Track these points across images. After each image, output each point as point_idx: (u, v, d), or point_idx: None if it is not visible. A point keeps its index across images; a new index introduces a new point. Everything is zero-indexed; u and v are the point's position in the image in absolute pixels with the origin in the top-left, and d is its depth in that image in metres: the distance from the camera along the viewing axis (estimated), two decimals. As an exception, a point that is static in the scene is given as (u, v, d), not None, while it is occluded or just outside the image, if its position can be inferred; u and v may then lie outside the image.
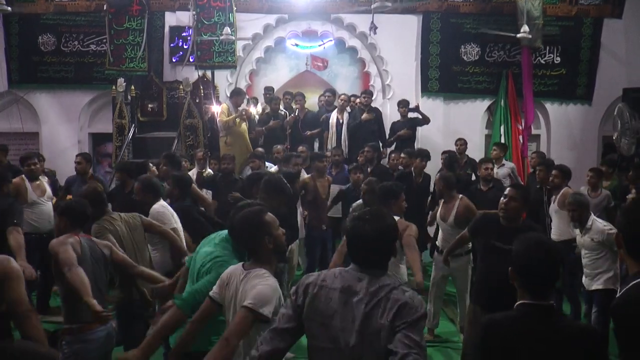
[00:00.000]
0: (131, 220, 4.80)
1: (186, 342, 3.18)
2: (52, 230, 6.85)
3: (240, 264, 3.15)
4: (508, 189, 4.69)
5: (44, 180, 7.10)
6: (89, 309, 3.57)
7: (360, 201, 6.19)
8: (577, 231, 5.78)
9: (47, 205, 6.87)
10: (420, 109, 10.22)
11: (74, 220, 3.95)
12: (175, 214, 5.23)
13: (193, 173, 7.86)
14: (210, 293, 3.13)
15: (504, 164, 8.96)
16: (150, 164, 7.67)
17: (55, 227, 4.00)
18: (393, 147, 9.79)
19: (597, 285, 5.50)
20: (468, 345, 4.85)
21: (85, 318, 3.71)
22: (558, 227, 6.57)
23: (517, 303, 2.44)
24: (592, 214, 5.66)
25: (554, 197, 6.73)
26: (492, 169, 7.72)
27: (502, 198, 4.54)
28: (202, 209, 6.52)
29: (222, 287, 3.10)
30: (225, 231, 3.62)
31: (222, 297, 3.10)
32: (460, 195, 6.30)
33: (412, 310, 2.31)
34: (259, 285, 2.89)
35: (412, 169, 8.22)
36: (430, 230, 7.79)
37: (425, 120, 9.79)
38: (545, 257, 2.41)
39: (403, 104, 9.77)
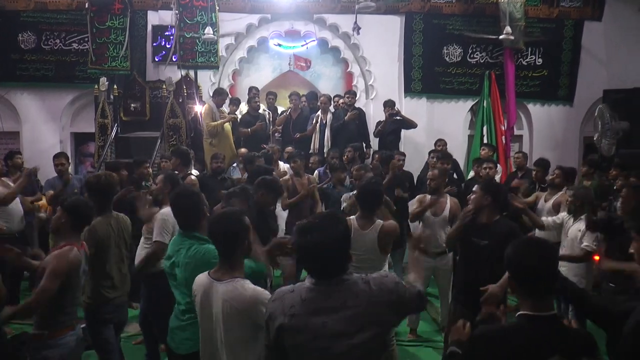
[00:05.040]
0: (123, 223, 4.74)
1: None
2: (23, 230, 6.85)
3: (205, 273, 3.11)
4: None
5: (9, 180, 6.98)
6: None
7: (350, 193, 6.31)
8: (564, 216, 5.85)
9: (17, 205, 6.80)
10: (404, 109, 10.28)
11: (77, 221, 3.87)
12: (177, 226, 5.10)
13: (192, 174, 7.80)
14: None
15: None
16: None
17: (54, 221, 3.92)
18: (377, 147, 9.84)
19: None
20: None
21: (55, 324, 3.69)
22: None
23: (517, 314, 2.36)
24: None
25: (546, 195, 6.69)
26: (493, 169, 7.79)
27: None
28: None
29: (193, 296, 3.16)
30: (176, 237, 3.72)
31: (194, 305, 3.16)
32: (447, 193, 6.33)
33: (395, 290, 2.37)
34: (258, 302, 2.87)
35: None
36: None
37: (411, 125, 9.80)
38: (540, 255, 2.34)
39: (389, 105, 9.78)
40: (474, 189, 4.75)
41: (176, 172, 6.54)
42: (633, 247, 2.67)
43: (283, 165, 8.37)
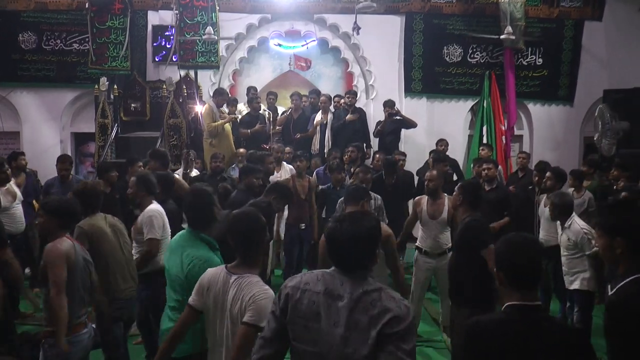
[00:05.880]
0: (118, 224, 4.74)
1: (168, 350, 3.17)
2: (24, 231, 6.87)
3: (222, 266, 3.10)
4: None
5: (12, 183, 7.01)
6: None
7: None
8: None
9: (18, 209, 6.87)
10: (404, 109, 10.28)
11: (64, 221, 3.87)
12: (167, 222, 5.06)
13: (178, 173, 7.84)
14: (190, 301, 3.12)
15: None
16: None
17: (38, 226, 3.93)
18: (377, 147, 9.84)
19: (574, 285, 5.58)
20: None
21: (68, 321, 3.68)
22: (547, 232, 6.51)
23: (505, 305, 2.42)
24: (575, 214, 5.70)
25: (544, 199, 6.67)
26: (492, 170, 7.45)
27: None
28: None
29: (201, 294, 3.09)
30: (184, 231, 3.65)
31: (201, 303, 3.08)
32: (445, 194, 6.33)
33: (402, 321, 2.29)
34: (259, 299, 2.86)
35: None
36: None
37: (411, 124, 9.80)
38: (529, 251, 2.41)
39: (389, 105, 9.77)
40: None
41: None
42: (598, 243, 2.73)
43: (286, 166, 8.35)
